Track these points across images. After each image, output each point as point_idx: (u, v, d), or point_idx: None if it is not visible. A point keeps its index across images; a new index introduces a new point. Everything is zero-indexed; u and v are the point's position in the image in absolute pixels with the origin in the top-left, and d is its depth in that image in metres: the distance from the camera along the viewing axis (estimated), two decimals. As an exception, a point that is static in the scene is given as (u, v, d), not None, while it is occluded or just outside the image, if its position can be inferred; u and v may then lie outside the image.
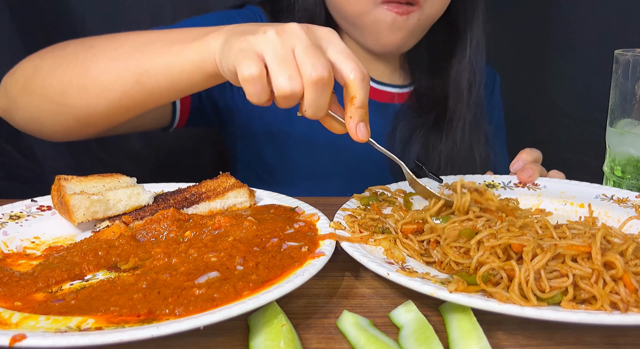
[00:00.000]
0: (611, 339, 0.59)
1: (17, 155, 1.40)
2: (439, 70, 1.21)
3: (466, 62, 1.17)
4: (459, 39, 1.18)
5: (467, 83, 1.18)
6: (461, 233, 0.72)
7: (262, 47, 0.66)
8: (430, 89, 1.22)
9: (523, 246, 0.64)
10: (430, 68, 1.23)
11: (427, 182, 0.98)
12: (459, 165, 1.19)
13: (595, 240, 0.62)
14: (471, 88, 1.18)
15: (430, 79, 1.23)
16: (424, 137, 1.19)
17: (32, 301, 0.61)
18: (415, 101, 1.23)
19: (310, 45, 0.66)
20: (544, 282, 0.60)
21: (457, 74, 1.18)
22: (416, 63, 1.24)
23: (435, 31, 1.14)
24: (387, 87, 1.23)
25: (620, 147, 0.98)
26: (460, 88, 1.18)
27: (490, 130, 1.27)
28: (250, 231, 0.74)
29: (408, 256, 0.72)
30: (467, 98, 1.18)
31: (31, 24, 1.35)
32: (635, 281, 0.59)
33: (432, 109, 1.21)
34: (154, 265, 0.68)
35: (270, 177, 1.20)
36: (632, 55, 0.93)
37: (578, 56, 1.62)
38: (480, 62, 1.19)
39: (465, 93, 1.18)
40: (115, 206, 0.82)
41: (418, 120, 1.20)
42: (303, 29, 0.67)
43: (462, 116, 1.18)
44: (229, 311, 0.54)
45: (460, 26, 1.17)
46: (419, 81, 1.24)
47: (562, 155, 1.39)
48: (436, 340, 0.55)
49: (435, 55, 1.22)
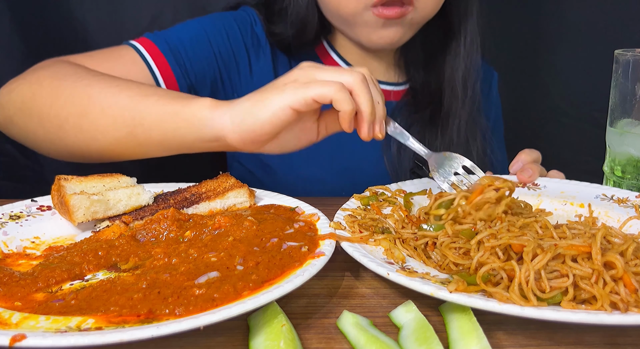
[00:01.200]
0: (611, 339, 0.59)
1: (17, 155, 1.39)
2: (434, 67, 1.21)
3: (460, 58, 1.17)
4: (453, 35, 1.17)
5: (462, 79, 1.17)
6: (461, 234, 0.72)
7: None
8: (426, 86, 1.22)
9: (523, 246, 0.64)
10: (425, 65, 1.23)
11: (428, 182, 0.98)
12: None
13: (596, 240, 0.62)
14: (466, 85, 1.18)
15: (425, 76, 1.22)
16: (420, 134, 1.18)
17: (32, 301, 0.61)
18: (411, 98, 1.23)
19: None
20: (544, 282, 0.60)
21: (451, 70, 1.18)
22: (411, 60, 1.24)
23: (430, 27, 1.14)
24: (382, 84, 1.23)
25: (620, 146, 0.98)
26: (455, 85, 1.17)
27: (488, 126, 1.26)
28: (250, 231, 0.74)
29: (408, 256, 0.72)
30: (462, 95, 1.18)
31: (31, 25, 1.35)
32: (635, 281, 0.59)
33: (428, 106, 1.20)
34: (154, 265, 0.68)
35: (268, 177, 1.19)
36: (632, 55, 0.93)
37: (578, 56, 1.62)
38: (475, 58, 1.18)
39: (460, 89, 1.17)
40: (115, 206, 0.82)
41: (414, 117, 1.20)
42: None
43: (458, 112, 1.18)
44: (229, 311, 0.54)
45: (454, 22, 1.17)
46: (414, 78, 1.24)
47: (562, 155, 1.39)
48: (436, 340, 0.55)
49: (430, 52, 1.22)
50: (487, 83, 1.34)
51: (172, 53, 1.05)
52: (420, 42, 1.20)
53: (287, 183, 1.17)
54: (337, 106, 0.76)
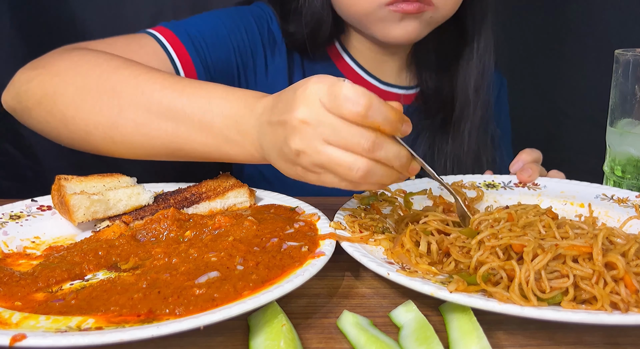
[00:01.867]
0: (611, 339, 0.59)
1: (17, 155, 1.40)
2: (446, 71, 1.19)
3: (474, 64, 1.15)
4: (467, 39, 1.15)
5: (474, 85, 1.15)
6: (462, 233, 0.72)
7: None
8: (437, 91, 1.20)
9: (523, 246, 0.64)
10: (437, 70, 1.20)
11: (428, 182, 0.98)
12: (466, 168, 1.17)
13: (597, 240, 0.62)
14: (478, 91, 1.16)
15: (437, 81, 1.20)
16: (430, 139, 1.17)
17: (32, 301, 0.61)
18: (422, 103, 1.21)
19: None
20: (545, 283, 0.60)
21: (464, 76, 1.16)
22: (423, 63, 1.21)
23: (444, 31, 1.11)
24: (394, 88, 1.21)
25: (621, 146, 0.98)
26: (468, 91, 1.15)
27: (498, 132, 1.25)
28: (251, 231, 0.74)
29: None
30: (474, 101, 1.16)
31: (32, 24, 1.35)
32: (636, 281, 0.59)
33: (439, 111, 1.19)
34: (154, 265, 0.68)
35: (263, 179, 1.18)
36: (632, 55, 0.93)
37: (578, 56, 1.62)
38: (488, 64, 1.16)
39: (472, 95, 1.15)
40: (115, 206, 0.82)
41: (424, 123, 1.18)
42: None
43: (469, 119, 1.16)
44: (229, 311, 0.54)
45: (468, 27, 1.15)
46: (426, 82, 1.21)
47: (562, 155, 1.40)
48: (436, 340, 0.55)
49: (443, 56, 1.19)
50: (497, 89, 1.32)
51: (193, 45, 1.02)
52: (433, 45, 1.18)
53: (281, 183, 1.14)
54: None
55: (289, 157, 0.67)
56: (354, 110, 0.61)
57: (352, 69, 1.18)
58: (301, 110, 0.64)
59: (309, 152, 0.64)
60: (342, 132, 0.62)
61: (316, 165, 0.65)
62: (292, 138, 0.65)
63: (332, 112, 0.62)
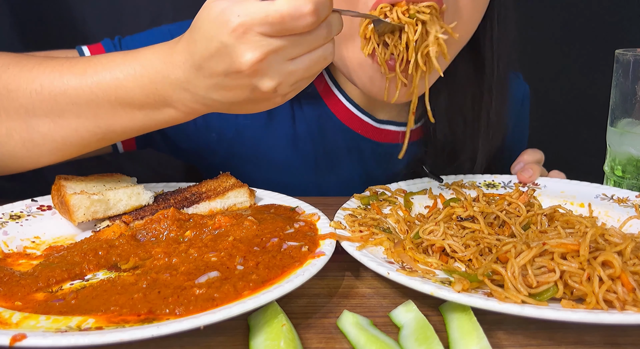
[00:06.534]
0: (611, 339, 0.59)
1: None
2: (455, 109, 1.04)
3: (487, 103, 1.02)
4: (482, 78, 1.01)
5: (486, 125, 1.04)
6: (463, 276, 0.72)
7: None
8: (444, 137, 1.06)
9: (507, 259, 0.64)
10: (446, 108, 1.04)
11: (428, 182, 0.98)
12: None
13: (585, 238, 0.63)
14: (488, 130, 1.04)
15: (444, 119, 1.05)
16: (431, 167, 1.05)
17: (33, 300, 0.61)
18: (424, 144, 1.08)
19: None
20: (532, 278, 0.60)
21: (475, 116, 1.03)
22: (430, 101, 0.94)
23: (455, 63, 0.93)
24: (395, 126, 1.08)
25: (621, 146, 0.98)
26: (478, 132, 1.04)
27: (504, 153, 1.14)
28: (251, 231, 0.74)
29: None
30: (484, 142, 1.04)
31: (31, 25, 1.35)
32: (632, 280, 0.59)
33: (443, 152, 1.07)
34: (154, 265, 0.68)
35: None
36: (633, 55, 0.93)
37: (578, 56, 1.62)
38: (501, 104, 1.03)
39: (482, 136, 1.04)
40: (115, 206, 0.82)
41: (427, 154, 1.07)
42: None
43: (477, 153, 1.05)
44: (229, 311, 0.54)
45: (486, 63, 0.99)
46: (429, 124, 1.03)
47: (562, 155, 1.39)
48: (436, 340, 0.55)
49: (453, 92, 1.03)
50: (519, 101, 1.22)
51: (113, 46, 0.96)
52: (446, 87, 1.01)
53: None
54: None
55: (265, 97, 0.66)
56: (306, 23, 0.59)
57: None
58: (244, 54, 0.61)
59: (283, 80, 0.64)
60: (300, 44, 0.62)
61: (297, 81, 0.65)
62: (260, 83, 0.64)
63: (280, 35, 0.60)
